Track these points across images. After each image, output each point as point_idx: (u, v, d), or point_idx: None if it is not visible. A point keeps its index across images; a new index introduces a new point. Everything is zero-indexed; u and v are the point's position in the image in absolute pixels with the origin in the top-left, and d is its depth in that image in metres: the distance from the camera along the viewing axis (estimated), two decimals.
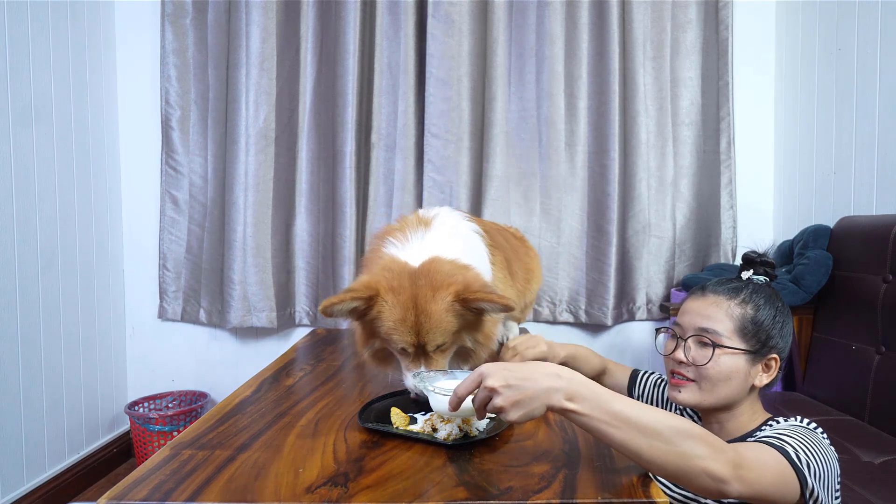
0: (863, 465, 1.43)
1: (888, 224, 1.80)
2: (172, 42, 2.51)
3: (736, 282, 1.09)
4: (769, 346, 1.03)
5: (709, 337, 1.02)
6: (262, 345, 2.67)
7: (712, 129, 2.58)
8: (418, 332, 0.99)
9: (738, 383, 1.01)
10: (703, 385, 1.02)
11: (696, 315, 1.05)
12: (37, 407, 2.10)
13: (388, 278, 1.01)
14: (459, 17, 2.45)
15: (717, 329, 1.01)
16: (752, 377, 1.02)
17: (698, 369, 1.02)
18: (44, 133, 2.14)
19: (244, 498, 0.71)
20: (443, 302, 0.99)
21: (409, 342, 1.00)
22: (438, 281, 1.00)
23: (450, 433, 0.88)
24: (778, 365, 1.04)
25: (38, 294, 2.10)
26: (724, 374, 1.00)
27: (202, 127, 2.54)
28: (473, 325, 1.05)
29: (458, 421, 0.90)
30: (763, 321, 1.02)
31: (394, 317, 0.99)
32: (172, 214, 2.57)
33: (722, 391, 1.01)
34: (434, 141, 2.49)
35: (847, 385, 1.82)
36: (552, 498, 0.69)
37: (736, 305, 1.03)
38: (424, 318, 0.98)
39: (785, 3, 2.58)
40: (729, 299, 1.04)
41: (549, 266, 2.59)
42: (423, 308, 0.98)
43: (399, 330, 0.99)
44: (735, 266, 2.51)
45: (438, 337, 1.00)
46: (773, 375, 1.04)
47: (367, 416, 0.98)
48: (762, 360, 1.03)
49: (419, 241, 1.09)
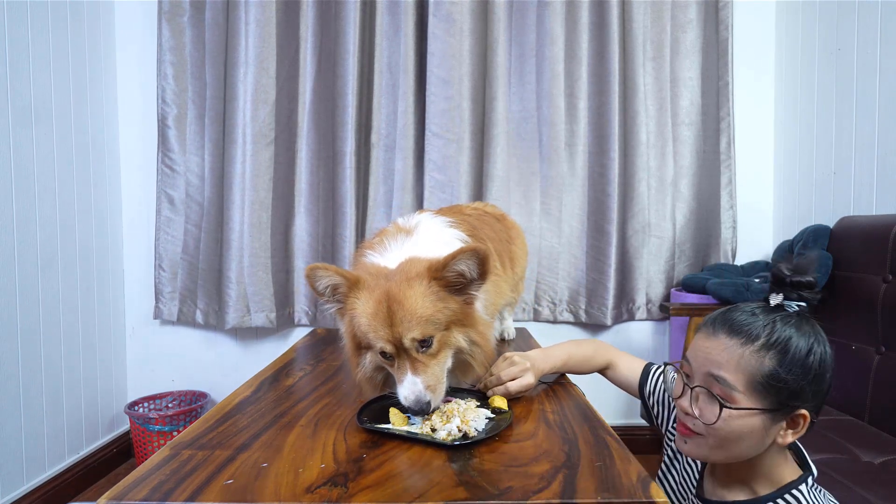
0: (863, 465, 1.43)
1: (888, 224, 1.80)
2: (169, 40, 2.50)
3: (759, 315, 0.86)
4: (794, 404, 0.83)
5: (718, 390, 0.84)
6: (261, 345, 2.66)
7: (712, 129, 2.58)
8: (391, 323, 0.92)
9: (753, 443, 0.85)
10: (712, 441, 0.86)
11: (704, 358, 0.87)
12: (37, 407, 2.10)
13: (367, 278, 0.97)
14: (460, 16, 2.45)
15: (728, 379, 0.83)
16: (771, 435, 0.85)
17: (706, 425, 0.86)
18: (44, 133, 2.14)
19: (244, 498, 0.71)
20: (417, 286, 0.93)
21: (384, 337, 0.92)
22: (412, 271, 0.95)
23: (449, 433, 0.88)
24: (807, 423, 0.84)
25: (38, 294, 2.10)
26: (735, 434, 0.84)
27: (199, 126, 2.54)
28: (461, 318, 0.97)
29: (458, 421, 0.90)
30: (787, 375, 0.81)
31: (367, 311, 0.94)
32: (168, 214, 2.56)
33: (733, 450, 0.86)
34: (435, 140, 2.49)
35: (847, 385, 1.82)
36: (552, 498, 0.69)
37: (752, 354, 0.82)
38: (397, 307, 0.91)
39: (785, 3, 2.58)
40: (744, 344, 0.83)
41: (550, 266, 2.60)
42: (395, 297, 0.92)
43: (373, 325, 0.93)
44: (735, 266, 2.50)
45: (416, 326, 0.91)
46: (800, 433, 0.85)
47: (366, 417, 0.98)
48: (786, 416, 0.84)
49: (398, 248, 1.05)
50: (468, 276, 0.95)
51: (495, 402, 1.02)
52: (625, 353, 1.28)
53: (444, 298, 0.95)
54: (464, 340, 0.98)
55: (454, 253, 0.92)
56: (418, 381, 0.92)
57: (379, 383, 1.03)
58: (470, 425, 0.90)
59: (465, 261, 0.92)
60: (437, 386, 0.94)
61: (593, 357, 1.26)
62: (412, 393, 0.92)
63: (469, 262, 0.93)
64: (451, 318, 0.95)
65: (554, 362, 1.19)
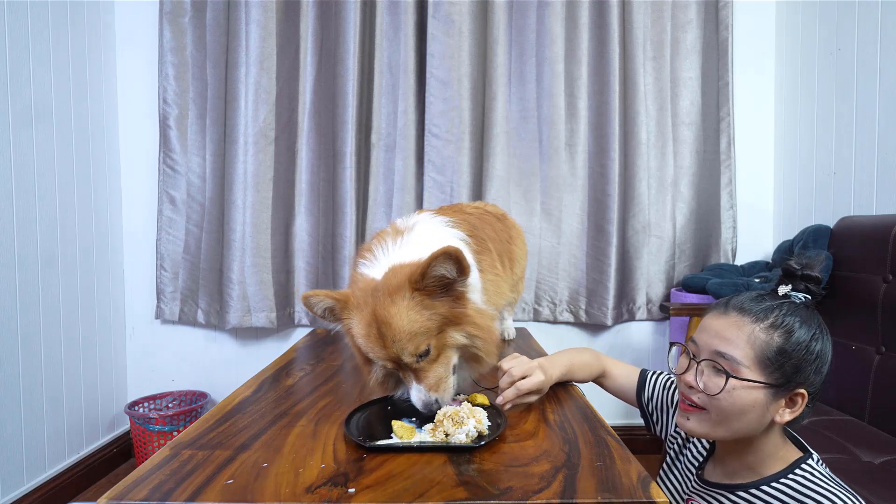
0: (863, 465, 1.43)
1: (888, 224, 1.80)
2: (171, 41, 2.51)
3: (768, 299, 0.93)
4: (797, 380, 0.89)
5: (724, 364, 0.89)
6: (262, 345, 2.67)
7: (712, 129, 2.58)
8: (384, 345, 0.93)
9: (754, 418, 0.90)
10: (714, 415, 0.91)
11: (714, 335, 0.92)
12: (37, 407, 2.10)
13: (356, 295, 0.97)
14: (460, 17, 2.45)
15: (736, 356, 0.89)
16: (771, 412, 0.90)
17: (710, 398, 0.90)
18: (44, 133, 2.14)
19: (244, 498, 0.71)
20: (400, 301, 0.92)
21: (382, 357, 0.94)
22: (393, 285, 0.93)
23: (468, 434, 0.87)
24: (805, 401, 0.90)
25: (38, 294, 2.10)
26: (737, 408, 0.89)
27: (200, 126, 2.54)
28: (453, 317, 0.95)
29: (473, 422, 0.88)
30: (792, 352, 0.88)
31: (361, 333, 0.95)
32: (170, 214, 2.57)
33: (734, 425, 0.90)
34: (435, 141, 2.49)
35: (847, 385, 1.82)
36: (552, 498, 0.69)
37: (761, 330, 0.89)
38: (385, 328, 0.91)
39: (785, 3, 2.58)
40: (754, 322, 0.90)
41: (550, 266, 2.60)
42: (382, 317, 0.92)
43: (369, 346, 0.95)
44: (735, 266, 2.51)
45: (408, 344, 0.91)
46: (797, 412, 0.91)
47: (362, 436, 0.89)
48: (786, 394, 0.90)
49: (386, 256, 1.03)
50: (450, 276, 0.93)
51: (476, 400, 1.02)
52: (618, 361, 1.30)
53: (430, 306, 0.93)
54: (463, 337, 0.97)
55: (428, 260, 0.90)
56: (423, 388, 0.95)
57: (391, 387, 1.05)
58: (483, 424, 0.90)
59: (441, 265, 0.91)
60: (441, 385, 0.96)
61: (591, 364, 1.26)
62: (419, 400, 0.95)
63: (446, 266, 0.91)
64: (442, 322, 0.94)
65: (561, 369, 1.18)
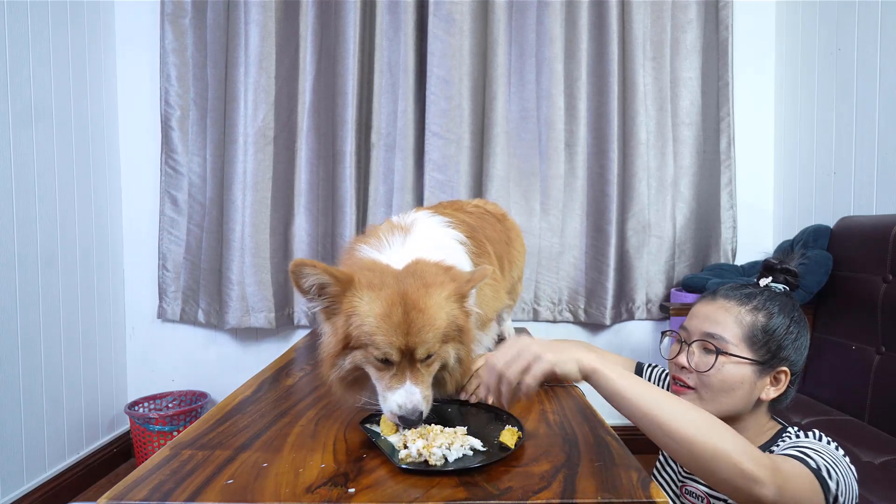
0: (863, 465, 1.43)
1: (888, 224, 1.81)
2: (172, 42, 2.51)
3: (751, 287, 1.04)
4: (780, 357, 0.97)
5: (714, 343, 0.97)
6: (261, 345, 2.66)
7: (712, 129, 2.58)
8: (407, 331, 0.85)
9: (742, 395, 0.97)
10: (704, 393, 0.98)
11: (703, 319, 1.01)
12: (37, 407, 2.10)
13: (367, 276, 0.90)
14: (461, 16, 2.45)
15: (724, 335, 0.97)
16: (758, 390, 0.97)
17: (700, 376, 0.98)
18: (44, 133, 2.14)
19: (244, 498, 0.71)
20: (437, 295, 0.88)
21: (396, 345, 0.85)
22: (430, 279, 0.90)
23: (409, 455, 0.79)
24: (788, 379, 0.99)
25: (38, 294, 2.10)
26: (727, 384, 0.96)
27: (201, 126, 2.54)
28: (459, 333, 0.93)
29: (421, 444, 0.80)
30: (775, 330, 0.97)
31: (375, 312, 0.86)
32: (172, 214, 2.57)
33: (724, 402, 0.97)
34: (435, 140, 2.49)
35: (847, 385, 1.82)
36: (552, 498, 0.69)
37: (747, 312, 0.98)
38: (416, 315, 0.85)
39: (785, 3, 2.58)
40: (740, 305, 0.99)
41: (549, 266, 2.60)
42: (415, 303, 0.86)
43: (383, 329, 0.85)
44: (735, 266, 2.51)
45: (430, 339, 0.87)
46: (781, 390, 0.99)
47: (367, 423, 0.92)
48: (771, 372, 0.98)
49: (399, 246, 1.00)
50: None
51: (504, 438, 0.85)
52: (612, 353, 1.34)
53: (456, 318, 0.91)
54: (453, 356, 0.93)
55: (482, 274, 0.94)
56: (416, 391, 0.87)
57: (350, 384, 0.96)
58: (434, 452, 0.78)
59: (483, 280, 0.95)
60: (429, 396, 0.90)
61: None
62: (409, 402, 0.86)
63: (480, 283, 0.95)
64: (453, 333, 0.92)
65: None
